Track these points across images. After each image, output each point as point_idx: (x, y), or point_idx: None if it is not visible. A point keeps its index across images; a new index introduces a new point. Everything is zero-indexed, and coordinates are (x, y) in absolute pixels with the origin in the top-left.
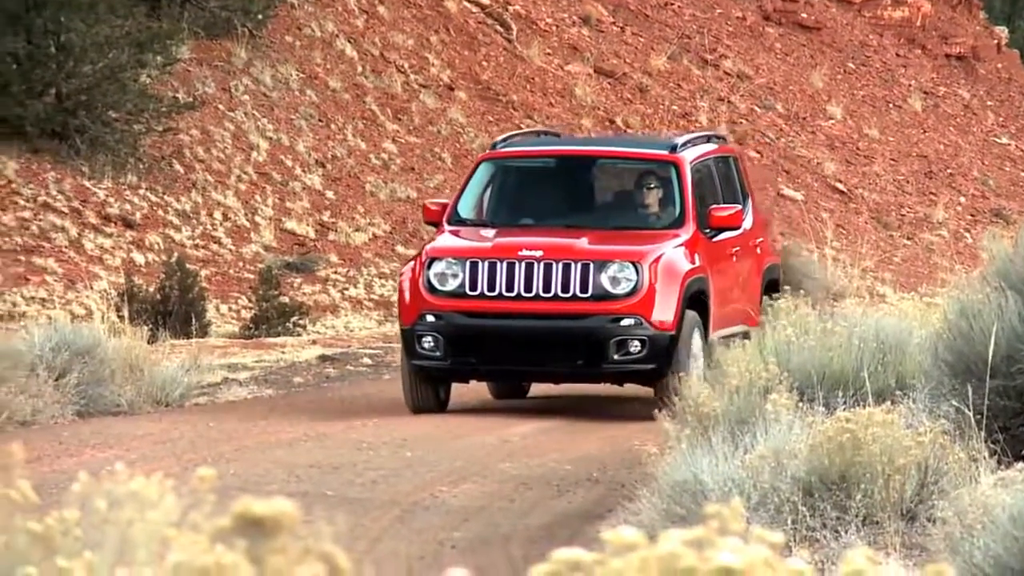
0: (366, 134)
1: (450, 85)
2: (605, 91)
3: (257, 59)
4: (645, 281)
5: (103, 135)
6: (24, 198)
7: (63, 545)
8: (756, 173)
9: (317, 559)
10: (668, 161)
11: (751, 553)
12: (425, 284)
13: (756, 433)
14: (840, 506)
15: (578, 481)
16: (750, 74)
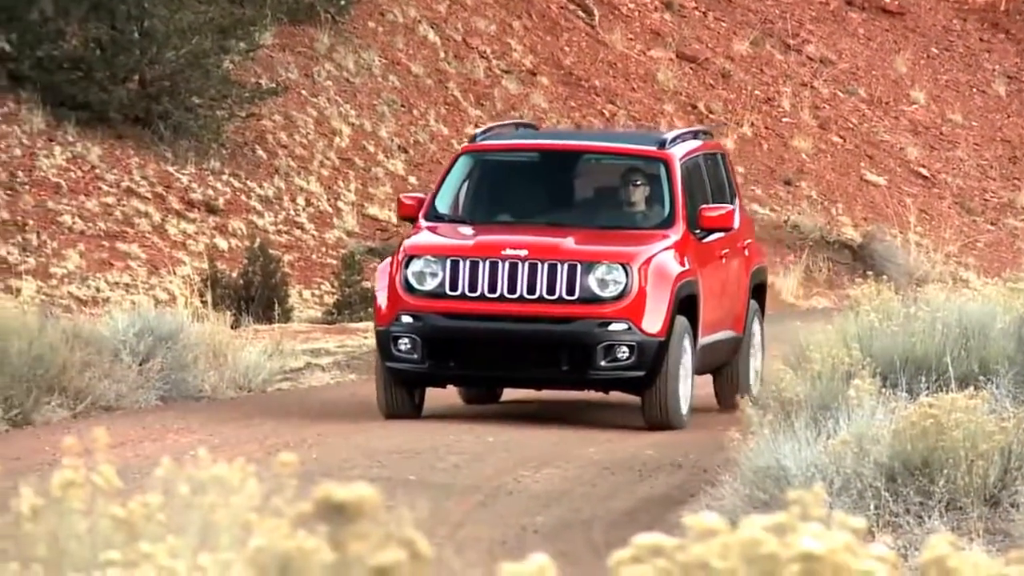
0: (448, 120)
1: (532, 71)
2: (687, 76)
3: (340, 45)
4: (635, 284)
5: (186, 121)
6: (108, 184)
7: (146, 530)
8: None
9: (398, 544)
10: (657, 157)
11: (833, 539)
12: (402, 283)
13: (839, 418)
14: (923, 491)
15: (660, 466)
16: (833, 59)
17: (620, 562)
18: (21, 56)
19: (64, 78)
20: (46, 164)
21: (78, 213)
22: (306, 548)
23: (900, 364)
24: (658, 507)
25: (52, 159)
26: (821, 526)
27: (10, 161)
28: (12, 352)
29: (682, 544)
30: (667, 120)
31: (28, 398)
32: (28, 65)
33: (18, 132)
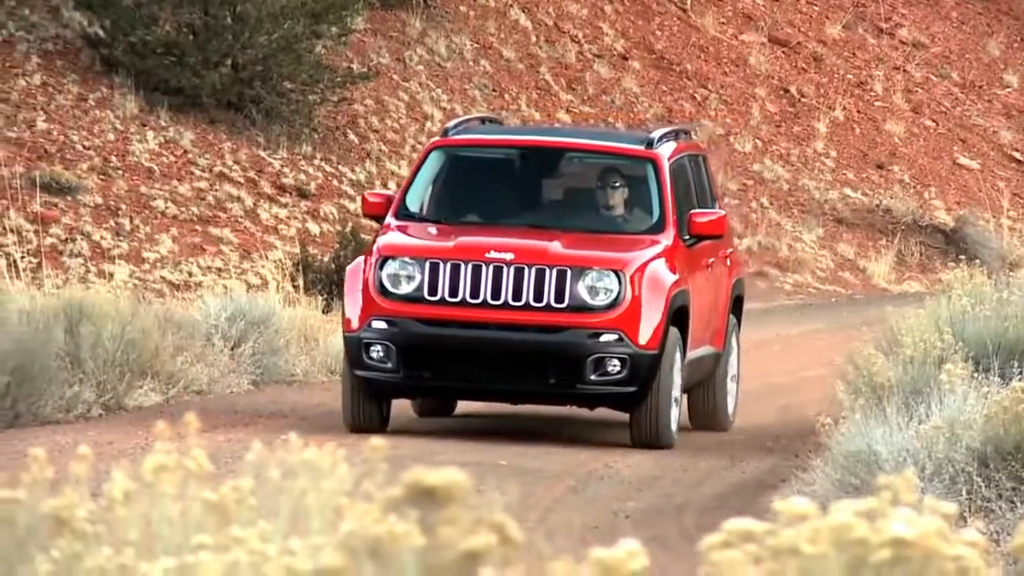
0: (540, 104)
1: (624, 55)
2: (779, 60)
3: (431, 29)
4: (627, 292)
5: (278, 105)
6: (200, 168)
7: (238, 514)
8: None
9: (489, 529)
10: (645, 157)
11: (924, 524)
12: (376, 286)
13: (930, 403)
14: (1016, 477)
15: (751, 451)
16: (926, 43)
17: (711, 547)
18: (115, 41)
19: (157, 63)
20: (139, 149)
21: (171, 198)
22: (396, 532)
23: (992, 349)
24: (749, 492)
25: (145, 144)
26: (912, 511)
27: (103, 146)
28: (105, 337)
29: (772, 529)
30: (759, 106)
31: (121, 383)
32: (121, 50)
33: (111, 117)
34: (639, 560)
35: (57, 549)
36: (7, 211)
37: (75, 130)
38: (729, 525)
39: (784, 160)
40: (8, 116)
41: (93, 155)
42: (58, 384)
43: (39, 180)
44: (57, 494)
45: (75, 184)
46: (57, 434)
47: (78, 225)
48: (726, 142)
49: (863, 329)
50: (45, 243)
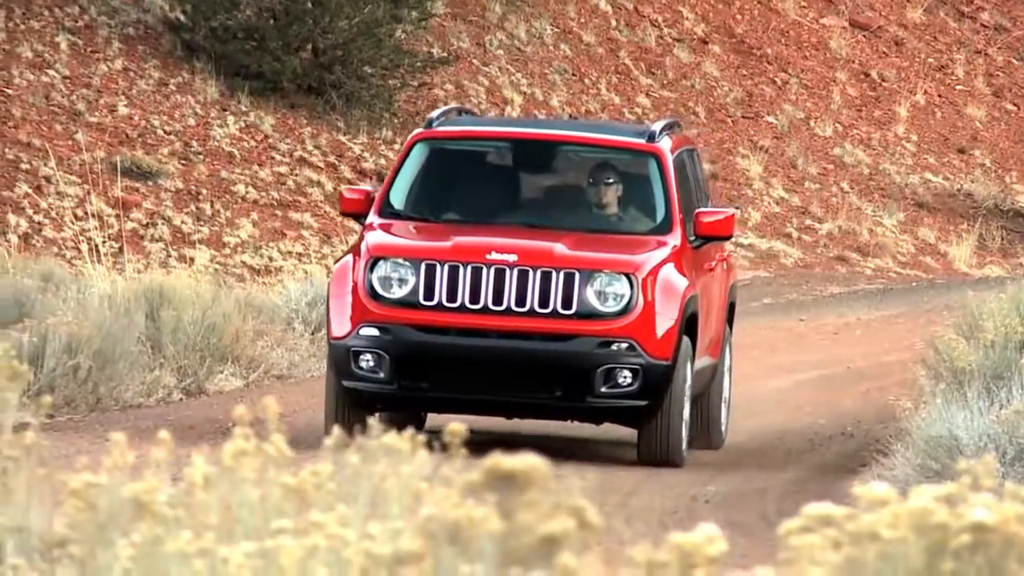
0: (620, 88)
1: (704, 39)
2: (860, 44)
3: (511, 14)
4: (640, 298)
5: (358, 90)
6: (281, 153)
7: (317, 499)
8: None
9: (567, 513)
10: (648, 152)
11: (1004, 509)
12: (366, 289)
13: (1012, 388)
14: None
15: (832, 436)
16: (1007, 26)
17: (790, 532)
18: (195, 26)
19: (238, 48)
20: (220, 134)
21: (251, 182)
22: (475, 517)
23: None
24: (829, 477)
25: (226, 129)
26: (993, 497)
27: (184, 131)
28: (186, 321)
29: (852, 514)
30: (839, 90)
31: (201, 367)
32: (202, 35)
33: (192, 102)
34: (717, 545)
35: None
36: (88, 196)
37: (156, 115)
38: (808, 510)
39: (865, 144)
40: (90, 101)
41: (174, 140)
42: (139, 368)
43: (120, 165)
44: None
45: (156, 169)
46: (138, 418)
47: (159, 210)
48: (806, 126)
49: (944, 314)
50: (126, 228)
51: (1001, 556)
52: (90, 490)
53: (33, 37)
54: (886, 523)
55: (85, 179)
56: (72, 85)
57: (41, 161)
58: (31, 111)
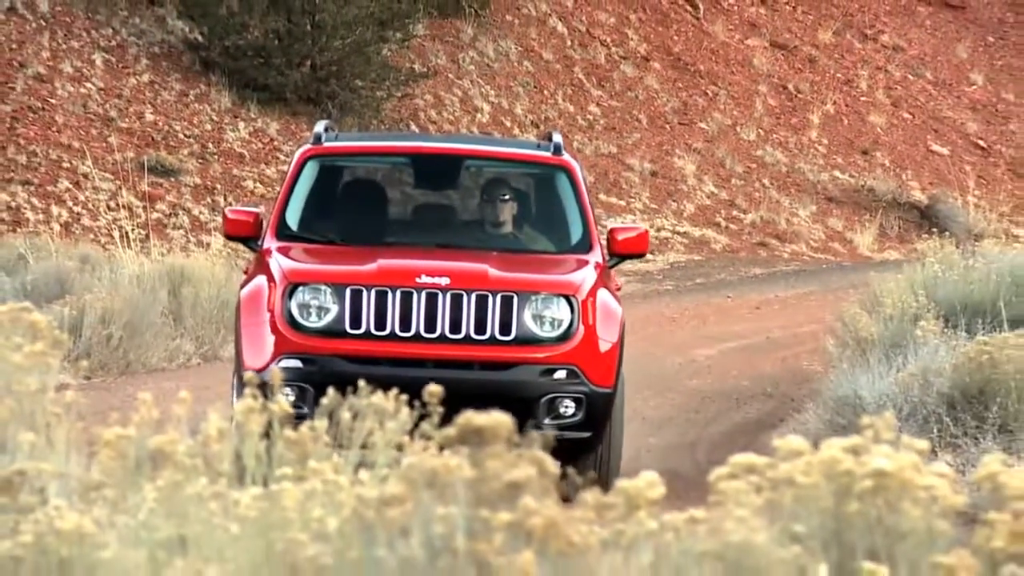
0: (574, 99)
1: (646, 57)
2: (779, 61)
3: (481, 35)
4: (580, 321)
5: (351, 100)
6: (284, 154)
7: (314, 450)
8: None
9: (529, 463)
10: (557, 165)
11: (901, 458)
12: (285, 317)
13: (907, 354)
14: (979, 417)
15: (754, 396)
16: (904, 47)
17: (719, 478)
18: (211, 45)
19: (247, 64)
20: (232, 137)
21: (259, 179)
22: (450, 466)
23: (960, 308)
24: (752, 431)
25: (237, 133)
26: (891, 447)
27: (202, 135)
28: (203, 297)
29: (772, 463)
30: (761, 100)
31: (216, 337)
32: (217, 53)
33: (208, 110)
34: (656, 489)
35: (161, 478)
36: (120, 190)
37: (177, 121)
38: (735, 459)
39: (783, 147)
40: (121, 109)
41: (193, 142)
42: (163, 338)
43: (147, 164)
44: (161, 431)
45: (177, 167)
46: (162, 380)
47: (180, 202)
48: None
49: (850, 291)
50: (152, 217)
51: (898, 498)
52: (121, 441)
53: (73, 55)
54: (801, 471)
55: (117, 176)
56: (106, 96)
57: (79, 160)
58: (71, 118)
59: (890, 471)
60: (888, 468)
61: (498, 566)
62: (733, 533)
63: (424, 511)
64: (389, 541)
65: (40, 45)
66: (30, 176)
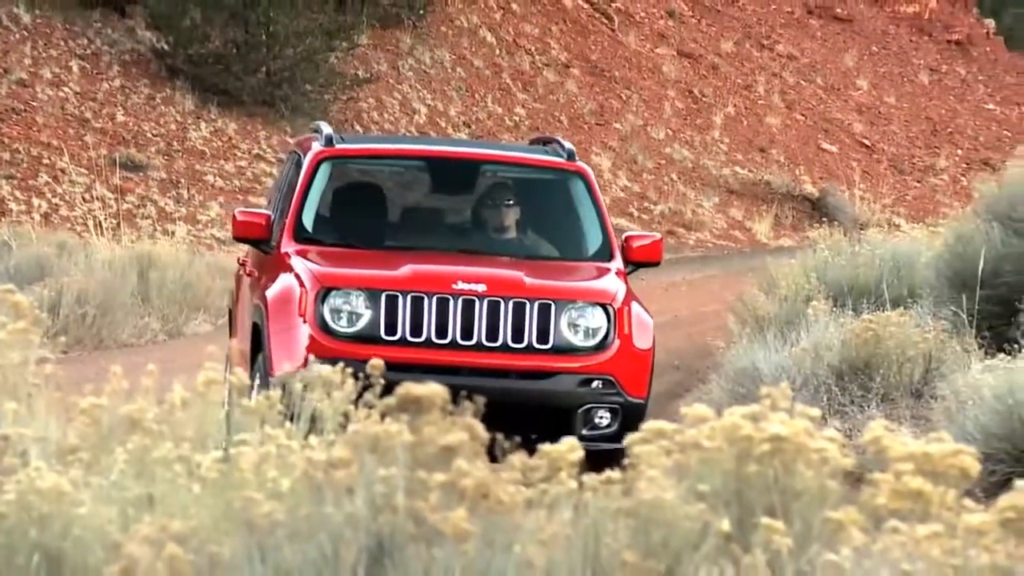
0: (502, 102)
1: (566, 64)
2: (685, 68)
3: (419, 44)
4: (616, 331)
5: (301, 103)
6: (241, 151)
7: (269, 417)
8: None
9: (461, 429)
10: (573, 171)
11: (795, 424)
12: (318, 322)
13: (800, 331)
14: (864, 387)
15: (664, 369)
16: (797, 55)
17: (632, 442)
18: (176, 54)
19: (209, 70)
20: (195, 136)
21: (219, 173)
22: (390, 432)
23: (847, 289)
24: (662, 400)
25: (199, 132)
26: (786, 415)
27: (167, 134)
28: (168, 280)
29: (680, 429)
30: (669, 103)
31: (180, 315)
32: (181, 60)
33: (173, 112)
34: (576, 453)
35: (131, 443)
36: (94, 184)
37: (146, 121)
38: (646, 426)
39: (689, 145)
40: (95, 111)
41: (159, 141)
42: (132, 316)
43: (118, 160)
44: (131, 401)
45: (146, 163)
46: (131, 355)
47: (148, 194)
48: (643, 131)
49: (749, 275)
50: (123, 208)
51: (792, 460)
52: (95, 409)
53: (52, 62)
54: (706, 436)
55: (91, 171)
56: (82, 99)
57: (58, 157)
58: (50, 119)
59: (785, 436)
60: (784, 433)
61: (434, 522)
62: (645, 492)
63: (367, 472)
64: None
65: (22, 53)
66: (13, 171)
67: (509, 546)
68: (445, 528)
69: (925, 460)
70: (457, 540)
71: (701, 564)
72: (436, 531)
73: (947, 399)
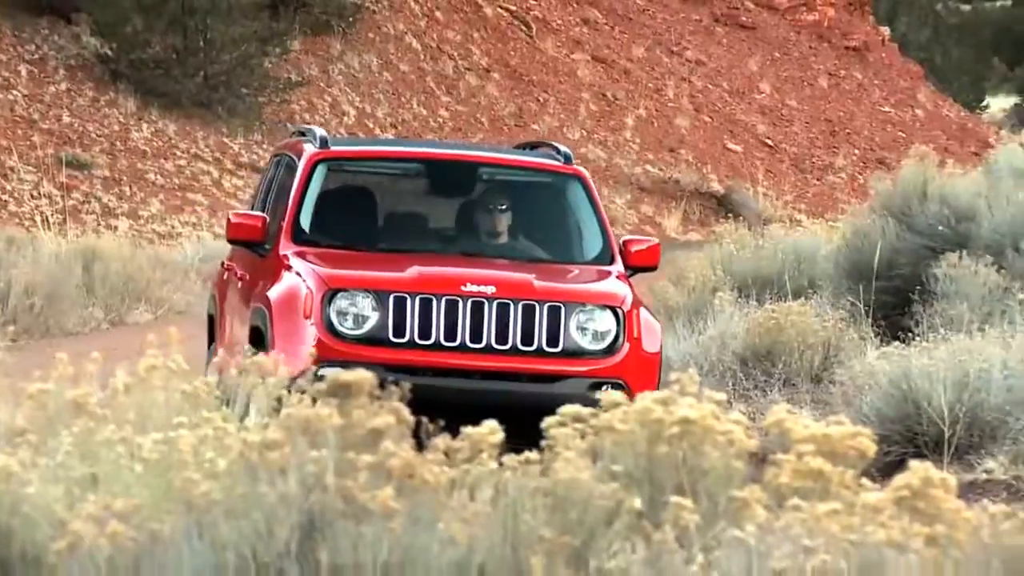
0: (426, 104)
1: (487, 68)
2: (599, 73)
3: (348, 50)
4: (625, 334)
5: (237, 105)
6: (180, 151)
7: (206, 402)
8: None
9: (388, 413)
10: (571, 174)
11: (703, 408)
12: (325, 324)
13: (707, 320)
14: (767, 373)
15: None
16: (704, 61)
17: (550, 425)
18: (119, 59)
19: (150, 74)
20: (136, 136)
21: (159, 172)
22: (321, 415)
23: (751, 281)
24: None
25: (141, 133)
26: (694, 399)
27: (111, 134)
28: (111, 272)
29: (595, 412)
30: (584, 106)
31: (122, 305)
32: (124, 65)
33: (116, 113)
34: (497, 435)
35: (76, 426)
36: (41, 181)
37: (90, 123)
38: (562, 410)
39: (603, 145)
40: (42, 112)
41: (103, 141)
42: (77, 306)
43: (64, 159)
44: (76, 386)
45: (90, 162)
46: (77, 343)
47: (92, 192)
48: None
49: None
50: (68, 204)
51: (700, 442)
52: (42, 394)
53: (1, 67)
54: (619, 419)
55: (39, 169)
56: (30, 101)
57: (7, 156)
58: (0, 120)
59: (694, 419)
60: (692, 417)
61: (362, 500)
62: (561, 472)
63: (299, 454)
64: (270, 479)
65: None
66: None
67: (433, 523)
68: (373, 506)
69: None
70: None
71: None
72: (364, 509)
73: (845, 384)
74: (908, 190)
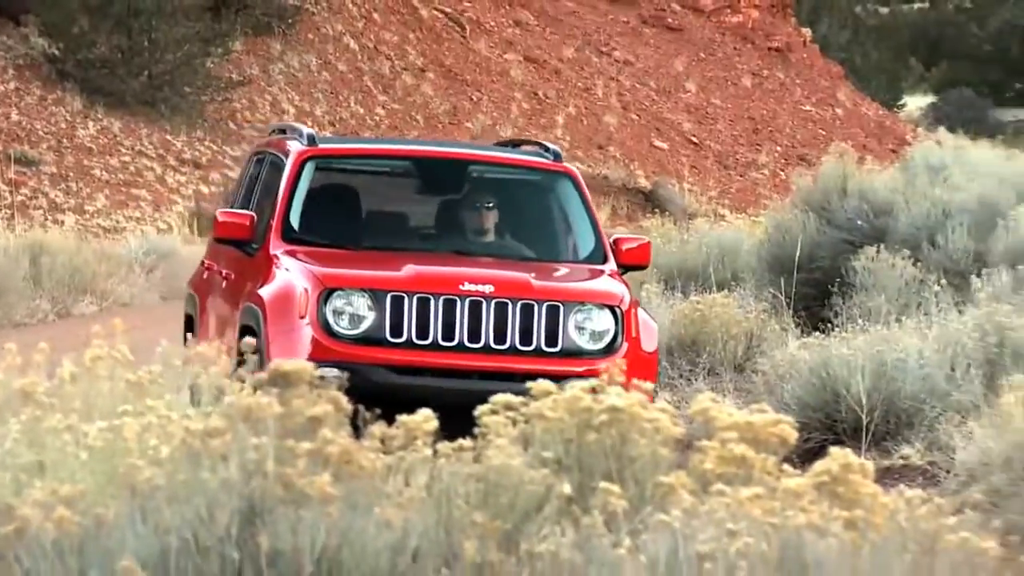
0: (364, 103)
1: (423, 68)
2: (531, 73)
3: (288, 50)
4: (624, 333)
5: (180, 104)
6: (125, 148)
7: (151, 390)
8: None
9: (326, 402)
10: (562, 172)
11: (630, 397)
12: (320, 323)
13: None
14: (692, 362)
15: None
16: (632, 61)
17: (483, 413)
18: (66, 59)
19: (96, 74)
20: (83, 134)
21: (105, 168)
22: (261, 404)
23: (677, 273)
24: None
25: (87, 130)
26: (621, 389)
27: (58, 131)
28: (58, 265)
29: (526, 401)
30: (516, 105)
31: (69, 297)
32: (71, 65)
33: (63, 112)
34: (431, 423)
35: (24, 414)
36: None
37: (38, 120)
38: (495, 399)
39: None
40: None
41: (50, 138)
42: (25, 298)
43: (12, 156)
44: (24, 375)
45: (38, 159)
46: (24, 334)
47: (40, 187)
48: (492, 130)
49: None
50: (16, 200)
51: (628, 430)
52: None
53: None
54: (549, 407)
55: None
56: None
57: None
58: None
59: (621, 407)
60: (620, 405)
61: (301, 486)
62: (493, 459)
63: (240, 441)
64: (212, 466)
65: None
66: None
67: (370, 508)
68: (311, 492)
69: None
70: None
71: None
72: (303, 495)
73: (767, 373)
74: (828, 186)
